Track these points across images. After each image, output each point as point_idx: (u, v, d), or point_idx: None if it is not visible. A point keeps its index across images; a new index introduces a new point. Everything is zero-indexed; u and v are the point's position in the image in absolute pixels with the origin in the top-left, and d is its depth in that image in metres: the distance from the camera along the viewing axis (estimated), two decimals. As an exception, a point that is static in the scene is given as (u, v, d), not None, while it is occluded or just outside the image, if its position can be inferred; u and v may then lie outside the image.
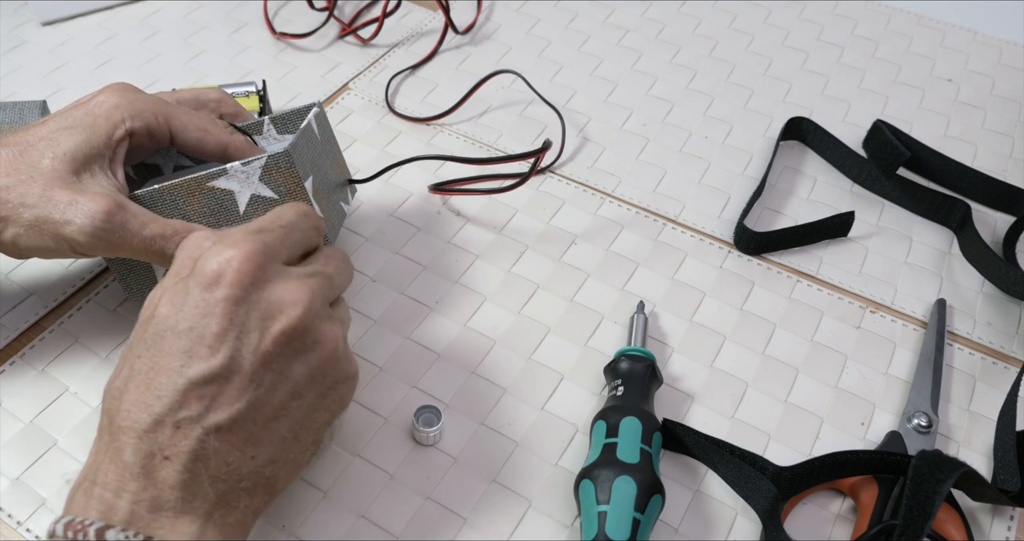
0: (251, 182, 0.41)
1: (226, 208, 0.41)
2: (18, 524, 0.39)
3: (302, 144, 0.42)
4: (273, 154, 0.40)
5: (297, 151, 0.41)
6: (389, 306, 0.48)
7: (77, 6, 0.67)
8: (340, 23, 0.68)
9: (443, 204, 0.54)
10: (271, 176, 0.40)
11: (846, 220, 0.53)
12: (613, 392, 0.42)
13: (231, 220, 0.41)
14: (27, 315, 0.47)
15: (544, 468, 0.42)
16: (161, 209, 0.40)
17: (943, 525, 0.38)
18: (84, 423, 0.43)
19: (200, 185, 0.40)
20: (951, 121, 0.62)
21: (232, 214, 0.41)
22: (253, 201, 0.41)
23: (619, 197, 0.56)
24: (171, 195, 0.40)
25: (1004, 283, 0.50)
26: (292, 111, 0.47)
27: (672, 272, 0.51)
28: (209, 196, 0.41)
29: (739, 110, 0.63)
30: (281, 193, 0.41)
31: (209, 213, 0.41)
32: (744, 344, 0.47)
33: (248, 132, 0.46)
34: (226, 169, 0.40)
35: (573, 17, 0.71)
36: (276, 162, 0.40)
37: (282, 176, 0.40)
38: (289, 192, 0.41)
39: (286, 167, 0.40)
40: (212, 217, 0.41)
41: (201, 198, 0.41)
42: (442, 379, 0.45)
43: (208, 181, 0.40)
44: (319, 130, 0.45)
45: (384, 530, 0.39)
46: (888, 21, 0.71)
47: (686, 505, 0.40)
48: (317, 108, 0.45)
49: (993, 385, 0.46)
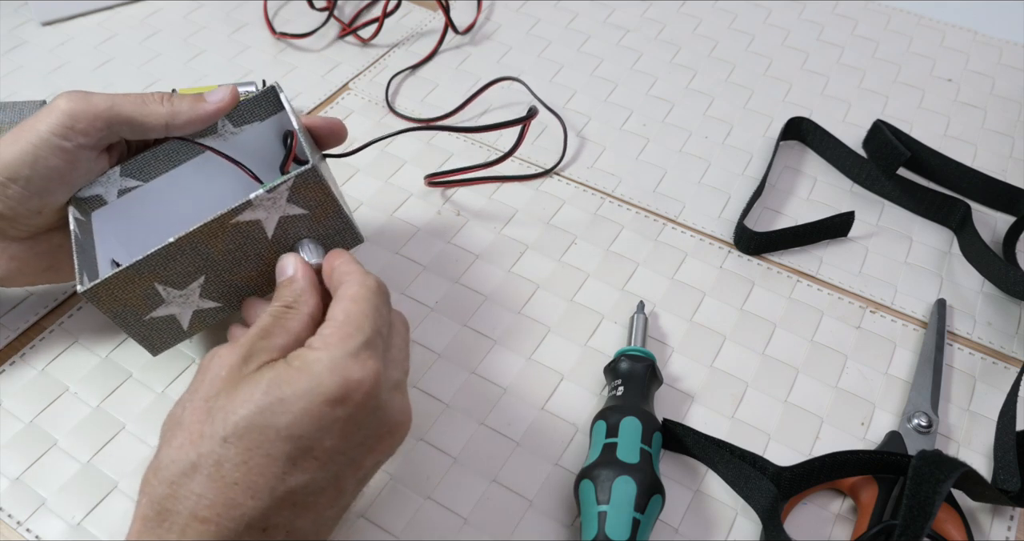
0: (278, 206, 0.38)
1: (253, 238, 0.39)
2: (18, 524, 0.39)
3: (309, 146, 0.40)
4: (300, 174, 0.37)
5: (315, 161, 0.38)
6: (389, 306, 0.48)
7: (77, 6, 0.67)
8: (340, 23, 0.68)
9: (443, 204, 0.54)
10: (299, 195, 0.38)
11: (846, 220, 0.53)
12: (613, 392, 0.42)
13: (260, 250, 0.39)
14: (27, 315, 0.47)
15: (544, 468, 0.42)
16: (179, 261, 0.38)
17: (943, 525, 0.38)
18: (84, 423, 0.43)
19: (224, 225, 0.37)
20: (951, 121, 0.62)
21: (260, 242, 0.39)
22: (282, 224, 0.39)
23: (619, 197, 0.56)
24: (190, 244, 0.37)
25: (1004, 283, 0.50)
26: (247, 100, 0.44)
27: (672, 272, 0.51)
28: (234, 232, 0.38)
29: (739, 110, 0.63)
30: (311, 207, 0.39)
31: (235, 248, 0.38)
32: (744, 344, 0.47)
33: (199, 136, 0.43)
34: (250, 201, 0.37)
35: (573, 17, 0.71)
36: (304, 180, 0.38)
37: (311, 191, 0.38)
38: (319, 204, 0.39)
39: (315, 182, 0.38)
40: (239, 252, 0.39)
41: (225, 237, 0.38)
42: (442, 379, 0.45)
43: (231, 218, 0.37)
44: (294, 114, 0.42)
45: (384, 530, 0.39)
46: (888, 21, 0.71)
47: (686, 505, 0.40)
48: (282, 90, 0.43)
49: (993, 385, 0.46)
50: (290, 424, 0.30)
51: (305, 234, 0.40)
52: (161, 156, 0.43)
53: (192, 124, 0.41)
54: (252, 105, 0.44)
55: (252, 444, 0.30)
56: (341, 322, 0.33)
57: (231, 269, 0.39)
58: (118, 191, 0.43)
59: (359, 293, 0.34)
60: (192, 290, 0.39)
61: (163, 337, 0.41)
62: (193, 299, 0.40)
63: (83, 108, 0.38)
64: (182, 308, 0.40)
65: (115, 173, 0.42)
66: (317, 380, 0.31)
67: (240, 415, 0.30)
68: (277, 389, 0.31)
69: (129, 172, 0.42)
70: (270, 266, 0.40)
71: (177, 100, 0.41)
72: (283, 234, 0.39)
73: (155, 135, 0.41)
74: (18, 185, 0.38)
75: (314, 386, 0.31)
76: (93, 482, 0.40)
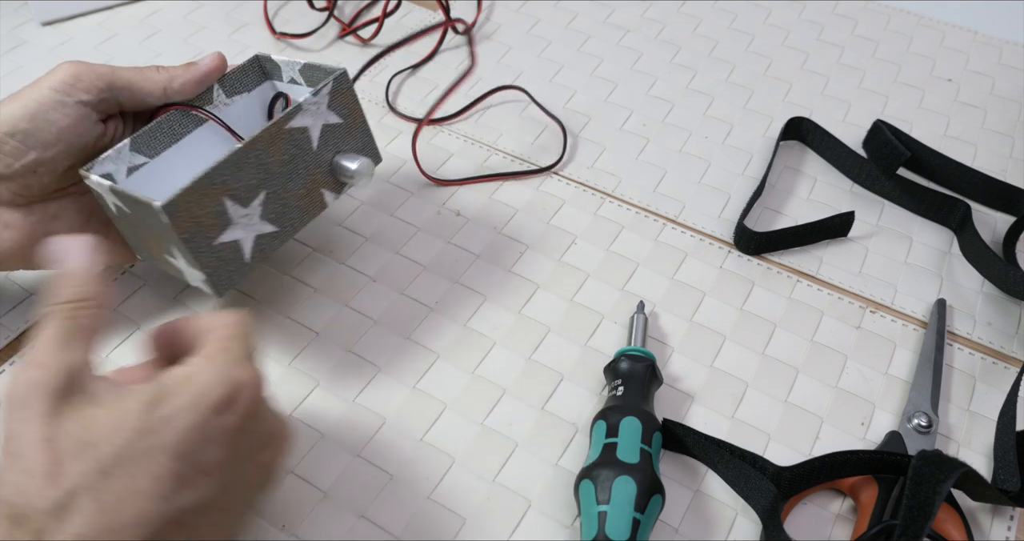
0: (321, 112, 0.41)
1: (302, 148, 0.41)
2: (18, 524, 0.39)
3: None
4: (338, 75, 0.42)
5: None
6: (389, 306, 0.48)
7: (77, 6, 0.67)
8: (340, 23, 0.68)
9: (443, 204, 0.54)
10: (337, 100, 0.42)
11: (846, 220, 0.53)
12: (613, 392, 0.42)
13: (308, 163, 0.42)
14: (27, 315, 0.47)
15: (544, 468, 0.42)
16: (246, 171, 0.39)
17: (943, 525, 0.38)
18: (84, 423, 0.42)
19: (279, 130, 0.40)
20: (951, 121, 0.62)
21: (308, 153, 0.42)
22: (324, 132, 0.42)
23: (619, 197, 0.56)
24: (254, 152, 0.39)
25: (1004, 283, 0.50)
26: (235, 70, 0.46)
27: (672, 272, 0.51)
28: (287, 140, 0.41)
29: (739, 110, 0.63)
30: (344, 116, 0.43)
31: (288, 160, 0.41)
32: (744, 344, 0.47)
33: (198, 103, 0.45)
34: (300, 105, 0.40)
35: (573, 17, 0.71)
36: (340, 83, 0.42)
37: (344, 97, 0.42)
38: (351, 112, 0.43)
39: (347, 87, 0.42)
40: (291, 164, 0.41)
41: (282, 145, 0.40)
42: (442, 379, 0.45)
43: (285, 123, 0.40)
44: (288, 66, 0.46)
45: (384, 530, 0.39)
46: (888, 21, 0.72)
47: (686, 505, 0.40)
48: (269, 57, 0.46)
49: (993, 385, 0.46)
50: (177, 441, 0.29)
51: (339, 147, 0.44)
52: (165, 128, 0.44)
53: (187, 86, 0.43)
54: (241, 75, 0.47)
55: (137, 471, 0.28)
56: (219, 338, 0.32)
57: (285, 184, 0.42)
58: (127, 169, 0.44)
59: (231, 320, 0.33)
60: (254, 209, 0.41)
61: (228, 270, 0.40)
62: (255, 220, 0.41)
63: (85, 69, 0.40)
64: (245, 231, 0.41)
65: (125, 148, 0.43)
66: (203, 390, 0.30)
67: (117, 444, 0.28)
68: (155, 409, 0.29)
69: (137, 146, 0.44)
70: (314, 183, 0.43)
71: (171, 68, 0.43)
72: (323, 145, 0.42)
73: (153, 100, 0.43)
74: (16, 139, 0.39)
75: (199, 396, 0.29)
76: (93, 482, 0.40)
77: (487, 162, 0.57)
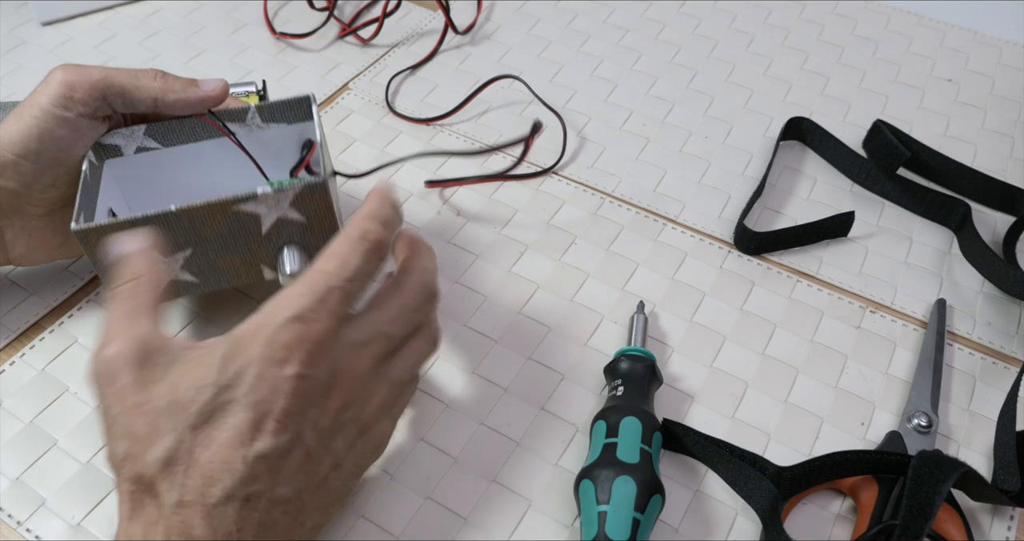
0: (280, 207, 0.39)
1: (247, 230, 0.40)
2: (18, 524, 0.39)
3: (326, 162, 0.41)
4: (309, 184, 0.39)
5: (328, 177, 0.40)
6: (389, 306, 0.48)
7: (77, 6, 0.67)
8: (340, 23, 0.68)
9: (443, 204, 0.54)
10: (303, 202, 0.39)
11: (846, 220, 0.53)
12: (613, 392, 0.42)
13: (249, 241, 0.40)
14: (27, 315, 0.47)
15: (544, 468, 0.42)
16: (175, 229, 0.39)
17: (943, 525, 0.38)
18: (84, 423, 0.43)
19: (225, 209, 0.39)
20: (951, 121, 0.62)
21: (252, 235, 0.40)
22: (278, 224, 0.40)
23: (619, 197, 0.56)
24: (188, 217, 0.39)
25: (1004, 283, 0.50)
26: (281, 101, 0.45)
27: (672, 272, 0.51)
28: (232, 218, 0.39)
29: (739, 110, 0.63)
30: (310, 217, 0.40)
31: (228, 234, 0.40)
32: (744, 344, 0.47)
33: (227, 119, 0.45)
34: (256, 194, 0.39)
35: (573, 17, 0.71)
36: (311, 191, 0.39)
37: (314, 202, 0.39)
38: (319, 216, 0.40)
39: (320, 194, 0.39)
40: (230, 238, 0.40)
41: (223, 220, 0.39)
42: (442, 378, 0.45)
43: (234, 205, 0.39)
44: (320, 127, 0.44)
45: (384, 530, 0.39)
46: (888, 21, 0.72)
47: (686, 505, 0.40)
48: (315, 102, 0.45)
49: (993, 385, 0.46)
50: (247, 393, 0.30)
51: (296, 240, 0.41)
52: (186, 127, 0.45)
53: (178, 105, 0.42)
54: (284, 107, 0.45)
55: (218, 423, 0.30)
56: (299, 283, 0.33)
57: (218, 251, 0.41)
58: (136, 147, 0.44)
59: (334, 247, 0.34)
60: (176, 259, 0.40)
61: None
62: (174, 268, 0.41)
63: (78, 78, 0.40)
64: None
65: (139, 131, 0.44)
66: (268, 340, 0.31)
67: (200, 401, 0.30)
68: (230, 364, 0.31)
69: (152, 133, 0.44)
70: (253, 258, 0.41)
71: (172, 79, 0.42)
72: (276, 233, 0.40)
73: (144, 108, 0.42)
74: (28, 161, 0.40)
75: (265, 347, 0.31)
76: (93, 482, 0.40)
77: (487, 162, 0.57)
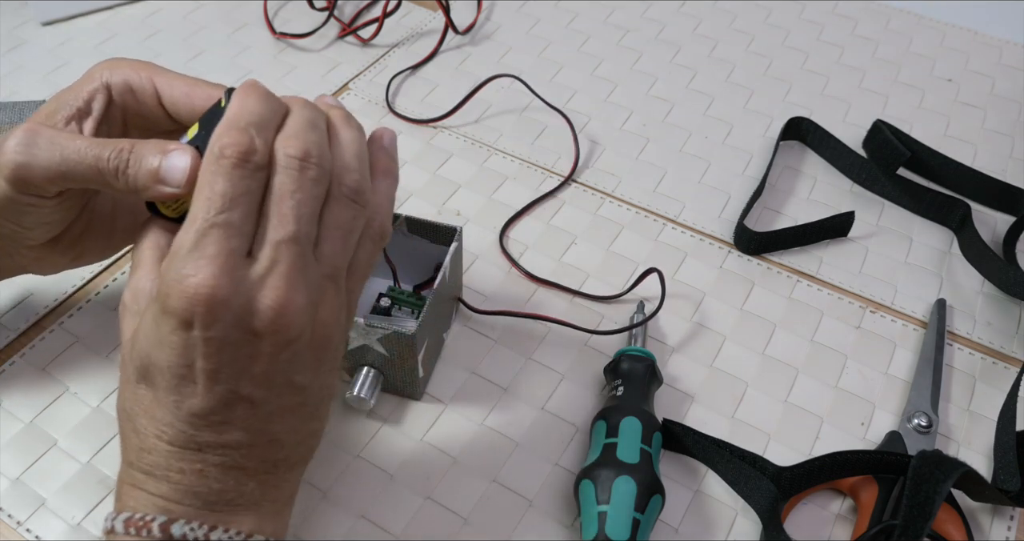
0: (369, 338, 0.40)
1: None
2: (18, 524, 0.39)
3: (431, 312, 0.41)
4: (397, 331, 0.39)
5: (422, 328, 0.40)
6: (389, 306, 0.48)
7: (77, 6, 0.67)
8: (340, 23, 0.68)
9: (443, 204, 0.54)
10: (389, 342, 0.40)
11: (846, 220, 0.53)
12: (613, 392, 0.42)
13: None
14: (27, 315, 0.47)
15: (544, 468, 0.42)
16: None
17: (943, 525, 0.38)
18: (84, 423, 0.42)
19: None
20: (951, 121, 0.62)
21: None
22: (364, 348, 0.41)
23: (619, 197, 0.56)
24: None
25: (1004, 283, 0.50)
26: (430, 222, 0.44)
27: (672, 272, 0.51)
28: None
29: (739, 110, 0.63)
30: (392, 354, 0.40)
31: None
32: (744, 344, 0.47)
33: None
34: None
35: (573, 17, 0.71)
36: (398, 337, 0.39)
37: (399, 345, 0.40)
38: (401, 357, 0.40)
39: (407, 344, 0.40)
40: None
41: None
42: (442, 379, 0.45)
43: None
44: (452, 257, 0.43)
45: (384, 530, 0.39)
46: (888, 21, 0.72)
47: (686, 505, 0.40)
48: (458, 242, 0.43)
49: (993, 385, 0.46)
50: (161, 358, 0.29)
51: (377, 365, 0.42)
52: None
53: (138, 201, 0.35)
54: (431, 227, 0.45)
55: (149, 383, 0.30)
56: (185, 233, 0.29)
57: None
58: None
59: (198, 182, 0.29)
60: None
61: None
62: None
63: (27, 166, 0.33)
64: None
65: None
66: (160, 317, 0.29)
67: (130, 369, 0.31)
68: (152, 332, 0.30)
69: None
70: None
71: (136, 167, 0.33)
72: (360, 353, 0.41)
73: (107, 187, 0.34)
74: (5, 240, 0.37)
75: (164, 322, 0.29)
76: (93, 482, 0.40)
77: (487, 162, 0.57)
